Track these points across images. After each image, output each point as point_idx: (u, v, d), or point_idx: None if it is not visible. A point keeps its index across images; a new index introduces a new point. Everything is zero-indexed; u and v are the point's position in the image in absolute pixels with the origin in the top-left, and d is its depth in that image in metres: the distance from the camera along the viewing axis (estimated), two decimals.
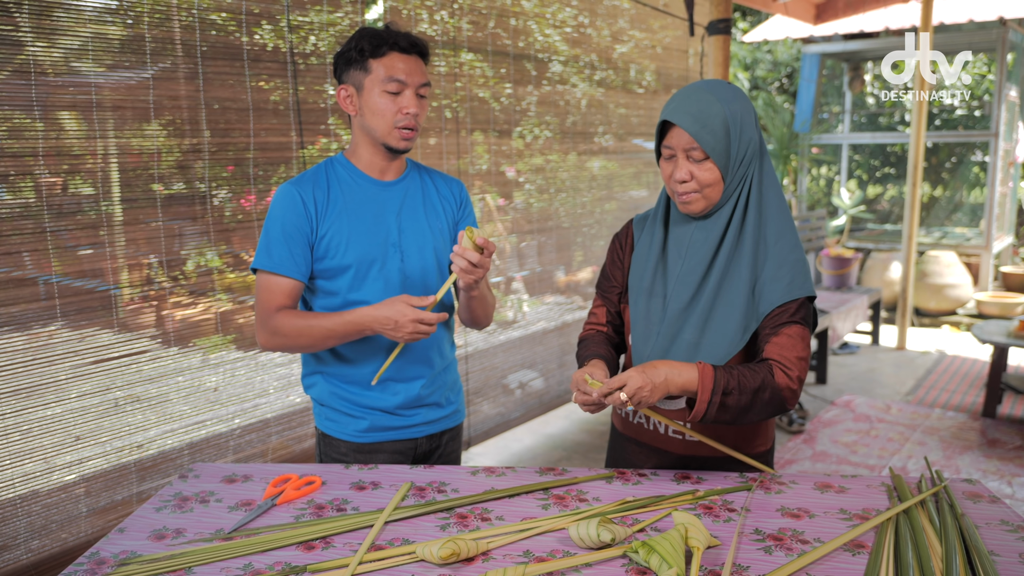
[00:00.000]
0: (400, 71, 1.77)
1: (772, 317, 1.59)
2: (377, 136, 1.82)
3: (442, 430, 2.02)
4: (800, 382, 1.55)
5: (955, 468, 3.98)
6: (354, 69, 1.79)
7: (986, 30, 7.48)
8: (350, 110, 1.83)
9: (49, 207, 2.35)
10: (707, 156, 1.55)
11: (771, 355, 1.56)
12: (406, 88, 1.78)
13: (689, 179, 1.58)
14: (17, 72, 2.25)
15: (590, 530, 1.32)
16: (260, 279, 1.82)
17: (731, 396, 1.50)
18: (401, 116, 1.79)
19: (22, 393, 2.32)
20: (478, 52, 3.79)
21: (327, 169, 1.87)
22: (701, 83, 1.60)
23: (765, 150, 1.64)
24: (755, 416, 1.54)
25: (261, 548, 1.36)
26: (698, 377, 1.50)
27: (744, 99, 1.61)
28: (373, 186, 1.87)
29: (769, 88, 11.76)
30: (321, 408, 1.95)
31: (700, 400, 1.49)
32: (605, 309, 1.86)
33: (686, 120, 1.54)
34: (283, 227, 1.80)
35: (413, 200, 1.91)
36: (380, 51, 1.76)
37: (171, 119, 2.63)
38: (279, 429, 3.03)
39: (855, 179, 9.84)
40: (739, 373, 1.51)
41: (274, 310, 1.79)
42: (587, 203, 4.70)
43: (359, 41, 1.77)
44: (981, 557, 1.28)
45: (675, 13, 5.09)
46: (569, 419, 4.80)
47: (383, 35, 1.77)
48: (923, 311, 7.39)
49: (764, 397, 1.52)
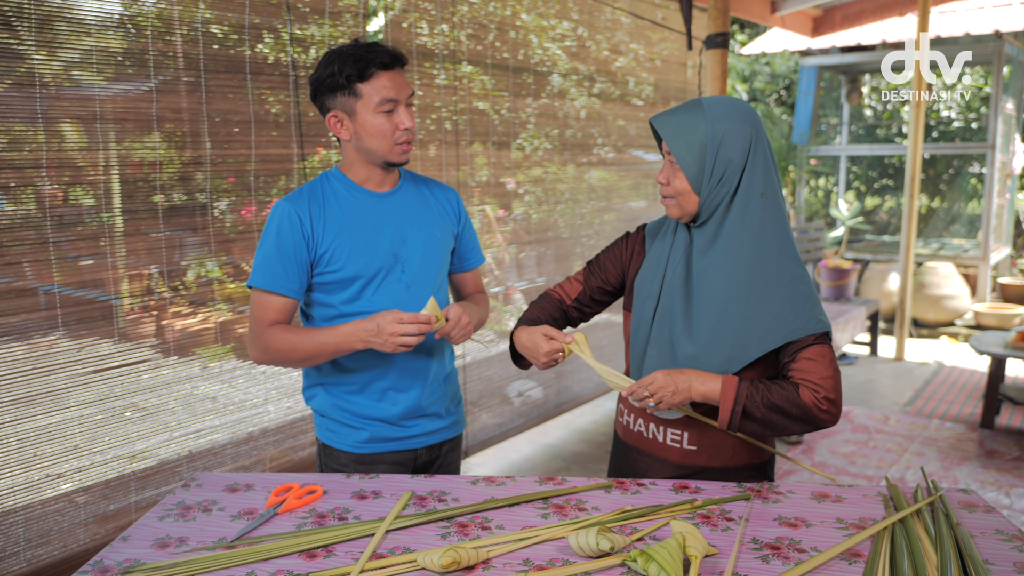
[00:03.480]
0: (390, 90, 1.76)
1: (788, 345, 1.60)
2: (378, 156, 1.82)
3: (442, 440, 2.02)
4: (830, 401, 1.55)
5: (953, 479, 3.99)
6: (342, 95, 1.77)
7: (982, 43, 7.53)
8: (343, 135, 1.82)
9: (50, 218, 2.36)
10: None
11: (795, 379, 1.58)
12: (399, 104, 1.79)
13: (667, 183, 1.62)
14: (19, 83, 2.27)
15: (589, 539, 1.33)
16: (254, 296, 1.82)
17: (756, 409, 1.53)
18: (400, 133, 1.80)
19: (22, 402, 2.32)
20: (478, 64, 3.82)
21: (322, 184, 1.87)
22: (706, 98, 1.62)
23: (770, 177, 1.60)
24: (784, 431, 1.58)
25: (263, 556, 1.37)
26: (720, 388, 1.54)
27: (742, 121, 1.58)
28: (371, 198, 1.88)
29: (767, 100, 11.81)
30: (322, 419, 1.96)
31: (723, 409, 1.54)
32: (583, 288, 1.87)
33: (666, 128, 1.59)
34: (278, 245, 1.79)
35: (411, 210, 1.92)
36: (367, 74, 1.75)
37: (173, 130, 2.64)
38: (278, 438, 3.03)
39: (853, 190, 9.88)
40: (764, 388, 1.54)
41: (266, 326, 1.80)
42: (586, 214, 4.72)
43: (342, 67, 1.74)
44: (976, 566, 1.29)
45: (673, 27, 5.13)
46: (568, 429, 4.80)
47: (365, 56, 1.75)
48: (921, 322, 7.40)
49: (792, 413, 1.55)
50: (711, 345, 1.61)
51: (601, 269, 1.86)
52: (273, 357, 1.81)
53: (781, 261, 1.59)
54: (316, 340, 1.78)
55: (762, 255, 1.59)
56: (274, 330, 1.80)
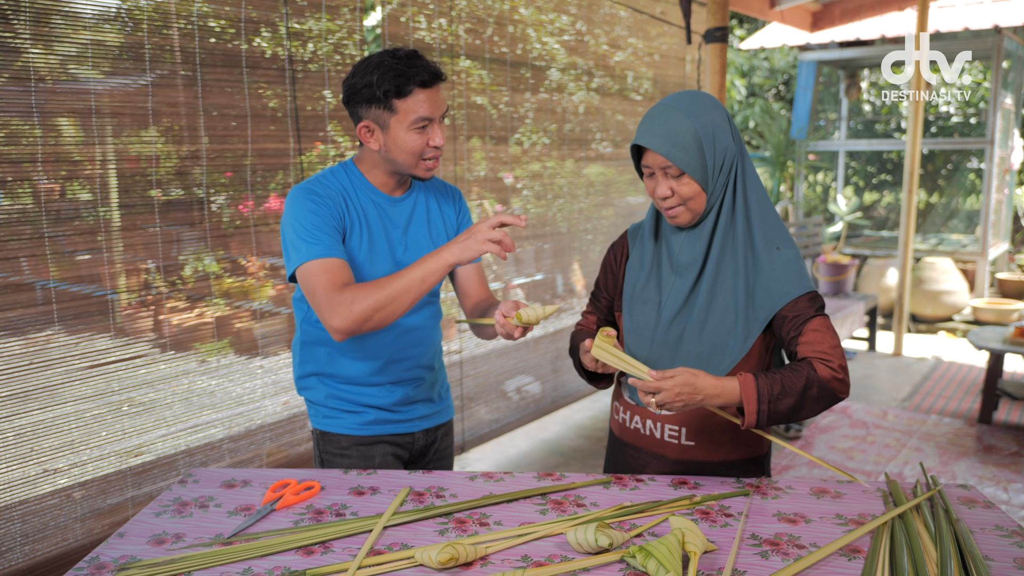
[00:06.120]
0: (427, 108, 1.72)
1: (790, 320, 1.60)
2: (403, 169, 1.79)
3: (437, 424, 2.05)
4: (843, 369, 1.56)
5: (951, 474, 3.99)
6: (376, 107, 1.72)
7: (981, 38, 7.52)
8: (372, 146, 1.77)
9: (47, 212, 2.35)
10: (683, 172, 1.57)
11: (805, 354, 1.58)
12: (433, 122, 1.75)
13: (671, 194, 1.61)
14: (15, 78, 2.26)
15: (588, 535, 1.32)
16: (313, 268, 1.67)
17: (780, 401, 1.51)
18: (429, 150, 1.77)
19: (18, 397, 2.32)
20: (476, 59, 3.81)
21: (341, 178, 1.83)
22: (669, 99, 1.62)
23: (745, 152, 1.66)
24: (809, 412, 1.57)
25: (260, 553, 1.36)
26: (740, 391, 1.51)
27: (714, 108, 1.61)
28: (385, 202, 1.86)
29: (766, 95, 11.80)
30: (318, 408, 1.95)
31: (748, 412, 1.51)
32: (596, 318, 1.90)
33: (656, 142, 1.56)
34: (318, 217, 1.71)
35: (418, 217, 1.92)
36: (406, 91, 1.70)
37: (169, 125, 2.63)
38: (276, 433, 3.03)
39: (851, 186, 9.88)
40: (782, 377, 1.53)
41: (342, 287, 1.66)
42: (584, 209, 4.71)
43: (381, 80, 1.69)
44: (976, 562, 1.29)
45: (672, 21, 5.12)
46: (566, 424, 4.80)
47: (406, 72, 1.69)
48: (919, 317, 7.41)
49: (813, 393, 1.54)
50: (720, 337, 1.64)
51: (602, 289, 1.88)
52: (361, 310, 1.63)
53: (777, 228, 1.65)
54: (401, 275, 1.65)
55: (765, 224, 1.64)
56: (351, 287, 1.68)
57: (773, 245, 1.62)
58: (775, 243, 1.63)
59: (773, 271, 1.61)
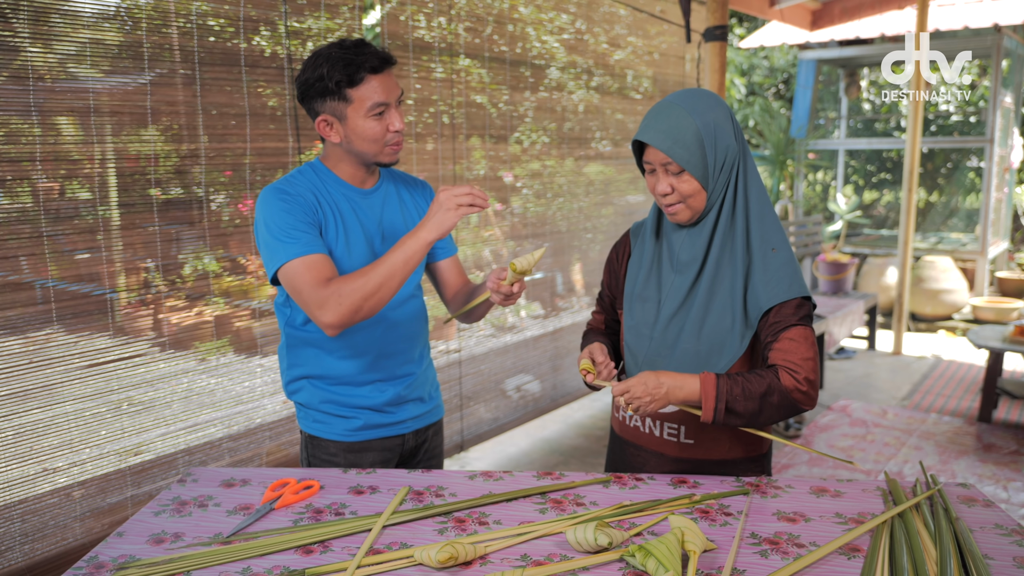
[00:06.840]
0: (381, 94, 1.73)
1: (771, 324, 1.61)
2: (368, 158, 1.81)
3: (427, 424, 2.04)
4: (810, 383, 1.57)
5: (951, 473, 3.99)
6: (331, 100, 1.73)
7: (981, 36, 7.52)
8: (333, 139, 1.78)
9: (46, 211, 2.35)
10: (683, 169, 1.58)
11: (775, 361, 1.59)
12: (389, 107, 1.76)
13: (671, 191, 1.61)
14: (14, 76, 2.25)
15: (587, 534, 1.32)
16: (295, 267, 1.68)
17: (737, 403, 1.53)
18: (391, 135, 1.78)
19: (17, 396, 2.31)
20: (475, 58, 3.80)
21: (309, 175, 1.83)
22: (673, 96, 1.62)
23: (748, 152, 1.66)
24: (768, 419, 1.58)
25: (260, 552, 1.36)
26: (700, 388, 1.54)
27: (718, 106, 1.61)
28: (357, 194, 1.86)
29: (766, 94, 11.80)
30: (307, 411, 1.94)
31: (705, 408, 1.54)
32: (603, 317, 1.93)
33: (657, 138, 1.57)
34: (292, 215, 1.72)
35: (391, 206, 1.92)
36: (357, 79, 1.71)
37: (168, 124, 2.63)
38: (275, 432, 3.03)
39: (851, 184, 9.88)
40: (744, 380, 1.55)
41: (326, 281, 1.66)
42: (584, 208, 4.71)
43: (331, 71, 1.70)
44: (975, 560, 1.29)
45: (672, 20, 5.11)
46: (566, 423, 4.80)
47: (355, 61, 1.70)
48: (919, 316, 7.41)
49: (773, 400, 1.55)
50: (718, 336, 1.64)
51: (606, 287, 1.90)
52: (351, 301, 1.64)
53: (774, 229, 1.65)
54: (383, 261, 1.66)
55: (763, 225, 1.64)
56: (336, 281, 1.67)
57: (769, 246, 1.63)
58: (771, 244, 1.63)
59: (765, 272, 1.62)
